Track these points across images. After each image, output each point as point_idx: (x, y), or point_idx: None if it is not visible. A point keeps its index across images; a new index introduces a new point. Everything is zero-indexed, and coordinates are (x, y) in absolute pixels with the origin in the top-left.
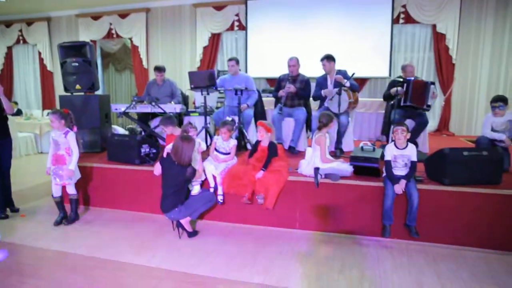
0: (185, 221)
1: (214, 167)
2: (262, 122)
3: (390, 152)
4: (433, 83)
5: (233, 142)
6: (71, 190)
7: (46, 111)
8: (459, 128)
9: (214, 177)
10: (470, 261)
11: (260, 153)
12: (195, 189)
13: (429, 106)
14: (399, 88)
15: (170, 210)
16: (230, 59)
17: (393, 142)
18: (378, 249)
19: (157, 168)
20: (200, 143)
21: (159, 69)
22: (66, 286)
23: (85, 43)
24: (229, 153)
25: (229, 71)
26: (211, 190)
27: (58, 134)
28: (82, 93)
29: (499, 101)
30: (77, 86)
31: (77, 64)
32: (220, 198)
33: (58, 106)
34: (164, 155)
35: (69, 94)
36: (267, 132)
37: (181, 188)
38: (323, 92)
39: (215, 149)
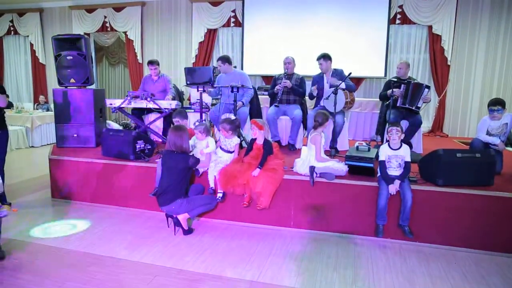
0: (182, 218)
1: (213, 165)
2: (255, 120)
3: (384, 152)
4: (428, 87)
5: (236, 141)
6: None
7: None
8: (453, 129)
9: (214, 177)
10: (461, 262)
11: (255, 151)
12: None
13: (418, 107)
14: (395, 90)
15: (171, 203)
16: (218, 59)
17: (387, 143)
18: (372, 248)
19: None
20: (209, 143)
21: (152, 63)
22: (62, 282)
23: (81, 36)
24: (232, 151)
25: (220, 70)
26: (211, 188)
27: None
28: (76, 87)
29: (497, 105)
30: (72, 80)
31: (71, 57)
32: (219, 195)
33: (51, 100)
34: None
35: (63, 87)
36: (259, 129)
37: (183, 178)
38: (311, 89)
39: (220, 147)
